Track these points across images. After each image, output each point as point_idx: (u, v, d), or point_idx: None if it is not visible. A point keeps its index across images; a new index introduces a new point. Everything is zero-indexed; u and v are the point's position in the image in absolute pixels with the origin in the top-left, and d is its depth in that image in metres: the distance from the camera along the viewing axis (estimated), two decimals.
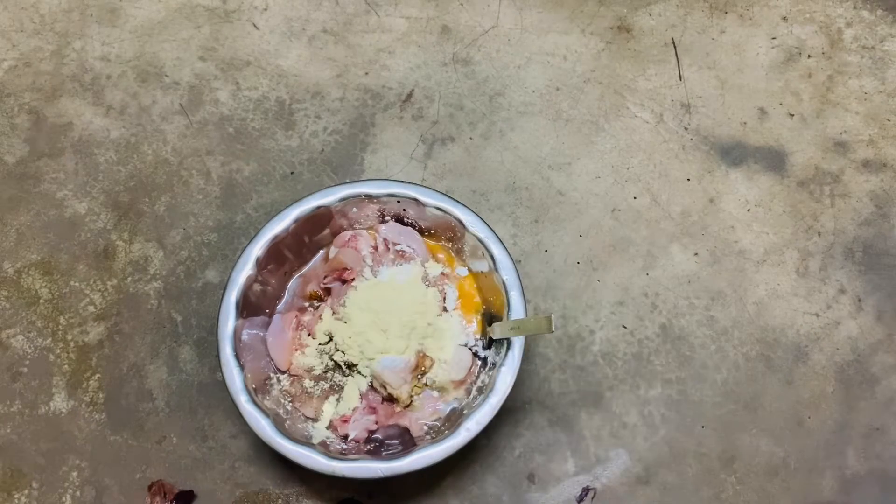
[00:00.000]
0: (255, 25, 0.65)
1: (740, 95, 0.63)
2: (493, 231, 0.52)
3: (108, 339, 0.57)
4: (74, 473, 0.54)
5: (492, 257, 0.51)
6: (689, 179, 0.61)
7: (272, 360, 0.51)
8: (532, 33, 0.65)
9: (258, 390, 0.49)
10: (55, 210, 0.60)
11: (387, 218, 0.54)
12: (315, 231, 0.54)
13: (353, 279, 0.52)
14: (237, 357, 0.48)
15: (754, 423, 0.55)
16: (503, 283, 0.50)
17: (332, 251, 0.54)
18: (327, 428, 0.50)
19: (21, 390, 0.55)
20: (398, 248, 0.54)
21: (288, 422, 0.49)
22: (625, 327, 0.57)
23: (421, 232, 0.54)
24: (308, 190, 0.60)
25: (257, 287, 0.51)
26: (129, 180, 0.61)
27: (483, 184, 0.61)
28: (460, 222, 0.52)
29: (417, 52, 0.64)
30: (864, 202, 0.60)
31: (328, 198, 0.52)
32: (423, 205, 0.52)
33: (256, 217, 0.59)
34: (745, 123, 0.62)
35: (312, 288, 0.54)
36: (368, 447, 0.49)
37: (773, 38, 0.65)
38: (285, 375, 0.51)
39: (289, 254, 0.53)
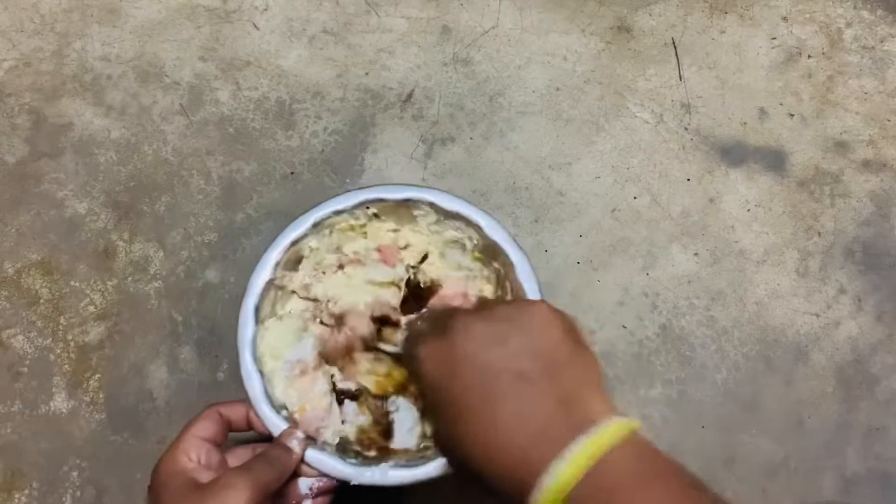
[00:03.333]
0: (255, 25, 0.65)
1: (740, 95, 0.63)
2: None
3: (109, 339, 0.57)
4: (75, 473, 0.54)
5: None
6: (689, 179, 0.61)
7: None
8: (532, 33, 0.65)
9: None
10: (55, 210, 0.60)
11: None
12: None
13: None
14: (256, 363, 0.47)
15: (754, 423, 0.55)
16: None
17: None
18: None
19: (21, 390, 0.55)
20: None
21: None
22: (625, 327, 0.57)
23: None
24: (308, 190, 0.60)
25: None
26: (129, 180, 0.61)
27: (483, 184, 0.61)
28: (479, 226, 0.50)
29: (418, 53, 0.64)
30: (864, 202, 0.60)
31: (345, 203, 0.50)
32: (442, 209, 0.50)
33: (257, 217, 0.59)
34: (745, 123, 0.62)
35: None
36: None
37: (773, 38, 0.65)
38: None
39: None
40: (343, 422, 0.49)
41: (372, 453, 0.48)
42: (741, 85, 0.63)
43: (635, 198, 0.60)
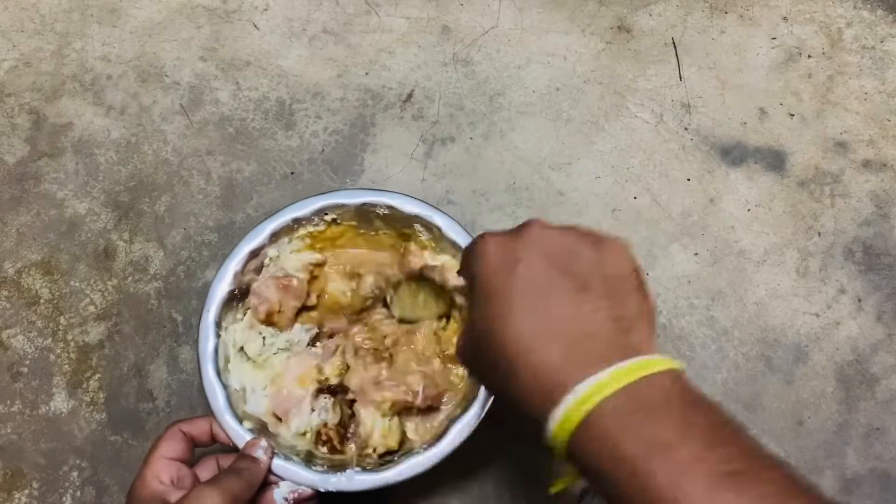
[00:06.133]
0: (255, 25, 0.65)
1: (740, 95, 0.63)
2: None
3: (109, 339, 0.57)
4: (75, 473, 0.54)
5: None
6: (689, 179, 0.61)
7: None
8: (532, 33, 0.65)
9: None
10: (55, 210, 0.60)
11: None
12: None
13: None
14: (219, 376, 0.47)
15: (754, 423, 0.55)
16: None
17: None
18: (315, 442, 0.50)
19: (21, 390, 0.55)
20: None
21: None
22: None
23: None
24: (308, 190, 0.60)
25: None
26: (129, 180, 0.61)
27: (483, 184, 0.61)
28: (439, 229, 0.50)
29: (418, 53, 0.64)
30: (864, 202, 0.60)
31: (303, 210, 0.51)
32: (400, 212, 0.50)
33: (256, 217, 0.59)
34: (745, 123, 0.62)
35: None
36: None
37: (773, 38, 0.65)
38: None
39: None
40: (312, 410, 0.49)
41: (324, 450, 0.48)
42: (741, 85, 0.63)
43: (635, 198, 0.60)
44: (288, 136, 0.62)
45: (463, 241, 0.50)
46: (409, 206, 0.50)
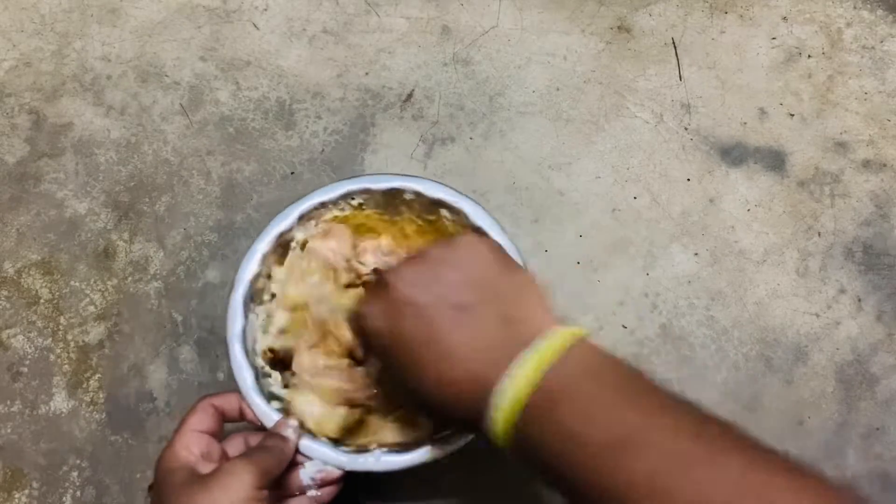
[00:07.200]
0: (255, 25, 0.65)
1: (740, 95, 0.63)
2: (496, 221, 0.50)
3: (109, 339, 0.57)
4: (75, 473, 0.54)
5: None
6: (689, 179, 0.61)
7: None
8: (532, 33, 0.65)
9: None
10: (55, 210, 0.60)
11: None
12: None
13: None
14: (247, 356, 0.47)
15: (754, 423, 0.55)
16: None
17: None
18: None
19: (21, 390, 0.55)
20: None
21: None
22: (625, 327, 0.57)
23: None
24: (308, 190, 0.60)
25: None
26: (129, 180, 0.61)
27: (483, 184, 0.61)
28: (464, 213, 0.50)
29: (418, 53, 0.64)
30: (864, 202, 0.60)
31: (330, 194, 0.51)
32: (427, 197, 0.51)
33: (257, 217, 0.59)
34: (745, 123, 0.62)
35: None
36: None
37: (773, 38, 0.65)
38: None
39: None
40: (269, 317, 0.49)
41: (274, 371, 0.48)
42: (741, 85, 0.63)
43: (635, 198, 0.60)
44: (288, 136, 0.62)
45: (488, 226, 0.49)
46: (435, 192, 0.50)
